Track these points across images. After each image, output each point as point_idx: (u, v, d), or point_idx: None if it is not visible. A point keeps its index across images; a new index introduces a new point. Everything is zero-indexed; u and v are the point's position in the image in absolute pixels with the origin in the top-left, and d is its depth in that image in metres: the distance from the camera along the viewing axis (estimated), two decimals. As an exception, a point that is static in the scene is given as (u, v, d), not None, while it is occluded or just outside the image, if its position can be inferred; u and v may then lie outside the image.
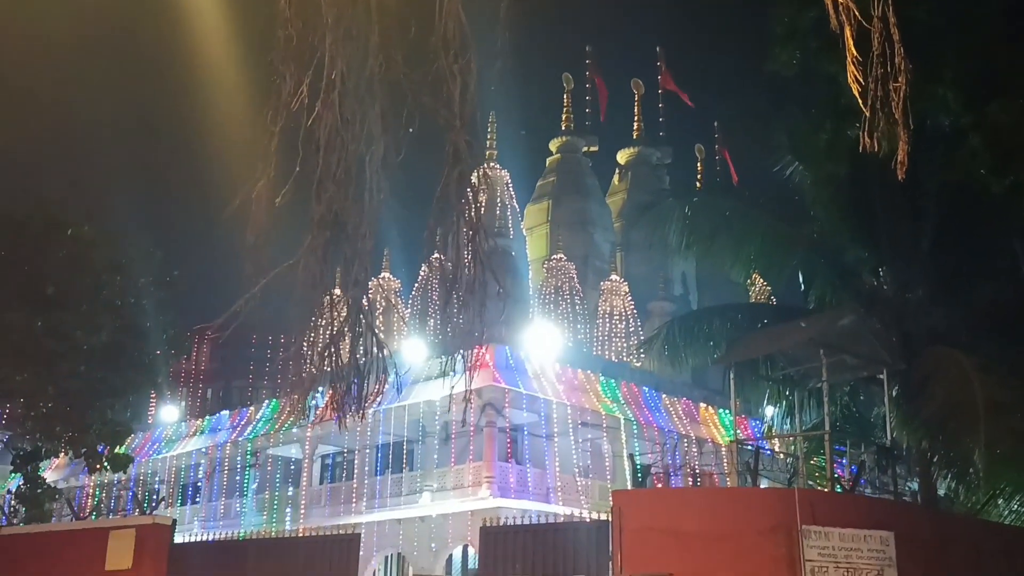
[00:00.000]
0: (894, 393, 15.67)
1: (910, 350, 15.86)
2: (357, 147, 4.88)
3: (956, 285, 16.72)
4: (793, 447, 16.04)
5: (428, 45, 4.80)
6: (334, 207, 4.84)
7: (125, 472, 26.92)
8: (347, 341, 5.20)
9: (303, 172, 4.97)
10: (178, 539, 17.09)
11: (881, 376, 15.11)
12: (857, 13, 5.80)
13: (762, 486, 15.22)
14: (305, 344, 5.45)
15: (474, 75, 4.84)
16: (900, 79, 5.18)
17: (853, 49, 5.83)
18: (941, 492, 17.09)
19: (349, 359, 5.13)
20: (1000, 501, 17.21)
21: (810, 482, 15.85)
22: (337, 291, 5.23)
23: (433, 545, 30.60)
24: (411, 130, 5.03)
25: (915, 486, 16.43)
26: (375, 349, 5.19)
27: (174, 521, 17.36)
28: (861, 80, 5.77)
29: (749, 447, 16.16)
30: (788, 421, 17.62)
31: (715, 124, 52.94)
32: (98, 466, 21.80)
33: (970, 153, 14.11)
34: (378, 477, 33.57)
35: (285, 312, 5.35)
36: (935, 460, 16.07)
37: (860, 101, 5.81)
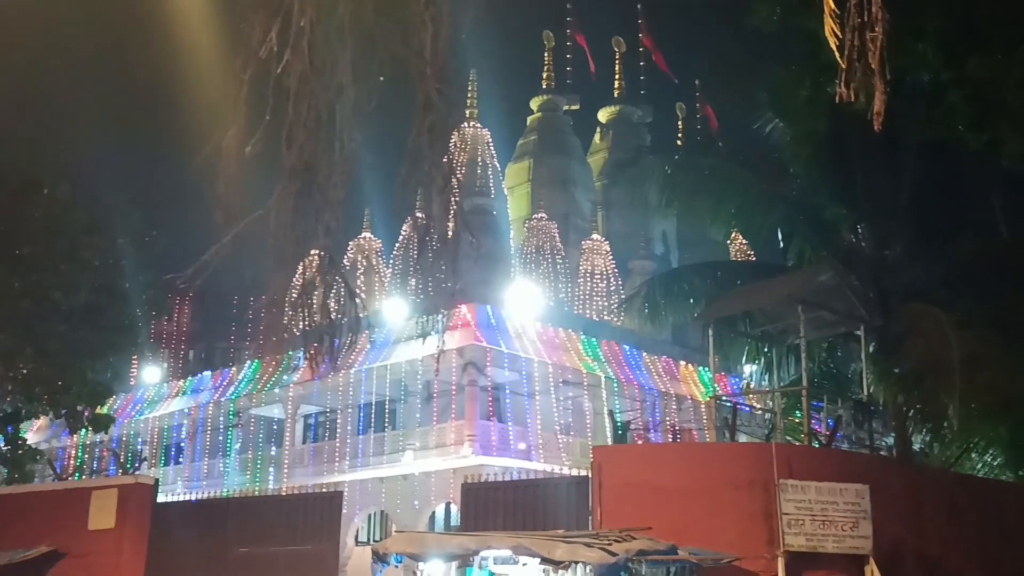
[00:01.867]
0: (871, 349, 15.80)
1: (887, 306, 15.96)
2: (328, 95, 4.83)
3: (934, 241, 16.80)
4: (771, 403, 16.17)
5: (400, -8, 4.76)
6: (305, 156, 4.79)
7: (107, 433, 26.93)
8: (321, 293, 5.18)
9: (273, 121, 4.92)
10: (161, 499, 17.14)
11: (858, 332, 15.21)
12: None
13: (740, 441, 15.38)
14: (281, 296, 5.42)
15: (447, 23, 4.79)
16: (877, 28, 5.16)
17: (831, 2, 5.80)
18: (916, 446, 17.31)
19: (322, 310, 5.10)
20: (973, 455, 17.47)
21: (787, 437, 16.00)
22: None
23: (416, 503, 30.80)
24: (382, 79, 4.98)
25: (891, 441, 16.60)
26: (348, 299, 5.15)
27: (157, 481, 17.40)
28: (839, 33, 5.75)
29: (727, 403, 16.30)
30: (766, 377, 17.75)
31: (696, 82, 52.75)
32: (79, 427, 21.79)
33: (949, 109, 14.13)
34: (360, 436, 33.67)
35: (265, 268, 5.33)
36: (911, 415, 16.25)
37: (837, 54, 5.80)
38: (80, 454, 40.55)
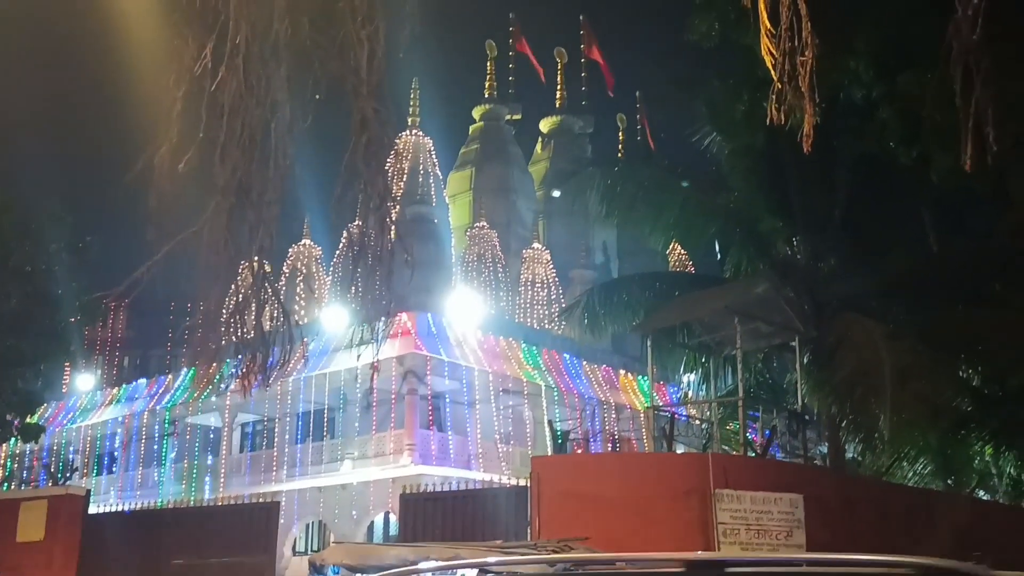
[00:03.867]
0: (806, 360, 16.04)
1: (822, 318, 16.23)
2: (262, 113, 4.80)
3: (867, 254, 17.12)
4: (708, 413, 16.35)
5: (335, 10, 4.73)
6: (238, 173, 4.76)
7: (37, 442, 26.33)
8: (254, 311, 5.14)
9: (207, 137, 4.87)
10: (93, 510, 16.83)
11: (793, 343, 15.45)
12: (770, -14, 5.87)
13: (678, 451, 15.52)
14: (213, 313, 5.36)
15: (382, 42, 4.79)
16: (807, 53, 5.26)
17: (767, 22, 5.90)
18: (849, 456, 17.61)
19: (255, 327, 5.07)
20: (904, 464, 17.81)
21: (724, 447, 16.19)
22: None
23: (354, 513, 30.59)
24: (318, 96, 4.96)
25: (824, 450, 16.89)
26: (282, 317, 5.12)
27: (88, 491, 17.08)
28: (774, 52, 5.85)
29: (665, 413, 16.44)
30: (704, 387, 17.93)
31: (637, 94, 53.23)
32: (8, 436, 21.30)
33: (881, 125, 14.41)
34: (299, 445, 33.37)
35: (198, 284, 5.27)
36: (843, 425, 16.51)
37: (773, 72, 5.90)
38: (9, 464, 39.60)
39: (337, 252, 40.42)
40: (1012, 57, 13.10)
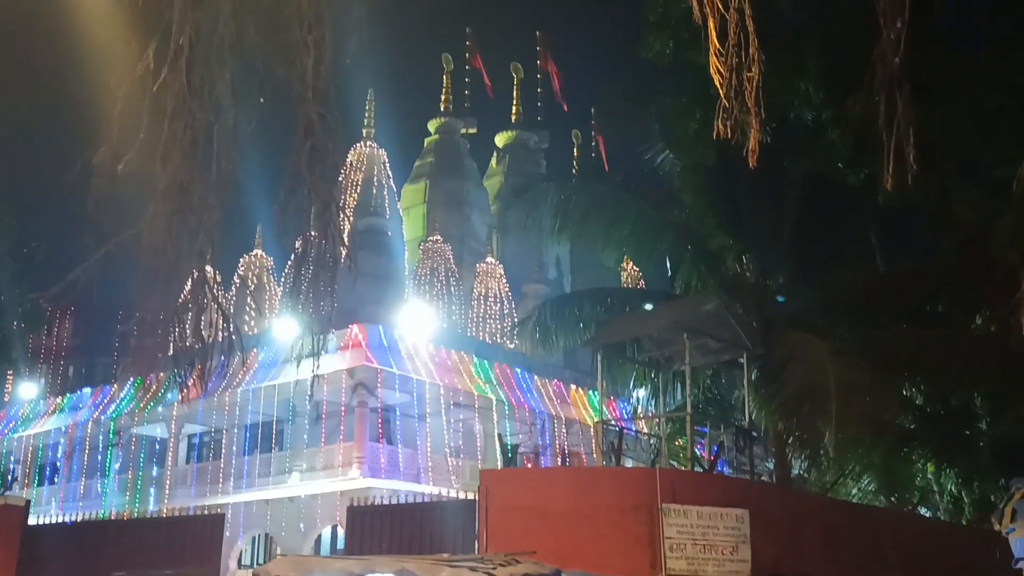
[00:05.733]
0: (753, 376, 16.17)
1: (770, 334, 16.38)
2: (206, 116, 4.75)
3: (814, 272, 17.33)
4: (657, 428, 16.42)
5: (281, 15, 4.71)
6: (180, 176, 4.70)
7: (-25, 452, 25.84)
8: (193, 315, 5.07)
9: (148, 140, 4.81)
10: (33, 521, 16.51)
11: (742, 360, 15.56)
12: (720, 6, 5.95)
13: (627, 466, 15.56)
14: (152, 318, 5.28)
15: (328, 48, 4.77)
16: (754, 69, 5.33)
17: (716, 40, 5.98)
18: (795, 472, 17.77)
19: (194, 332, 5.00)
20: (849, 480, 18.02)
21: (672, 462, 16.27)
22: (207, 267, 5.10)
23: (302, 526, 30.29)
24: (263, 100, 4.92)
25: (771, 466, 17.02)
26: (222, 321, 5.06)
27: (28, 502, 16.76)
28: (723, 70, 5.93)
29: (614, 427, 16.48)
30: (653, 403, 18.01)
31: (592, 111, 53.56)
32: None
33: (829, 145, 14.64)
34: (246, 457, 33.00)
35: (137, 288, 5.19)
36: (790, 441, 16.67)
37: (721, 91, 5.97)
38: (-53, 474, 38.72)
39: (288, 263, 40.18)
40: (957, 78, 13.42)
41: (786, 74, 13.65)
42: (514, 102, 52.98)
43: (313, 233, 4.97)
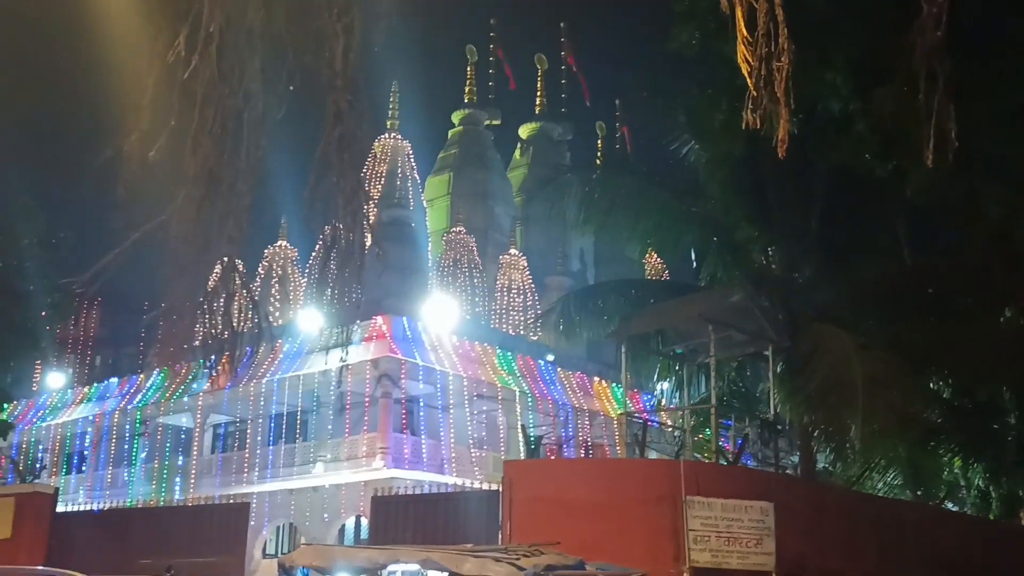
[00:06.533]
0: (779, 369, 16.10)
1: (795, 327, 16.30)
2: (235, 102, 4.77)
3: (841, 264, 17.22)
4: (681, 420, 16.39)
5: (311, 2, 4.71)
6: (210, 163, 4.72)
7: (5, 439, 26.08)
8: (223, 302, 5.10)
9: (179, 126, 4.84)
10: (62, 508, 16.70)
11: (767, 352, 15.50)
12: (748, -6, 5.91)
13: (651, 458, 15.55)
14: (181, 305, 5.31)
15: (358, 35, 4.77)
16: (784, 59, 5.29)
17: (744, 29, 5.93)
18: (820, 465, 17.70)
19: (224, 320, 5.03)
20: (875, 474, 17.92)
21: (696, 454, 16.23)
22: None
23: (325, 515, 30.44)
24: (292, 87, 4.93)
25: (796, 459, 16.95)
26: (252, 309, 5.09)
27: (57, 490, 16.97)
28: (751, 60, 5.89)
29: (638, 420, 16.47)
30: (677, 395, 17.97)
31: (616, 102, 53.36)
32: (-25, 432, 21.10)
33: (857, 138, 14.52)
34: (271, 447, 33.19)
35: (166, 276, 5.22)
36: (815, 434, 16.60)
37: (749, 80, 5.93)
38: (-24, 461, 39.15)
39: (312, 254, 40.35)
40: (984, 77, 13.29)
41: (813, 66, 13.54)
42: (538, 93, 52.88)
43: (339, 225, 4.97)
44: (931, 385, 17.52)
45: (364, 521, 27.03)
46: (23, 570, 4.59)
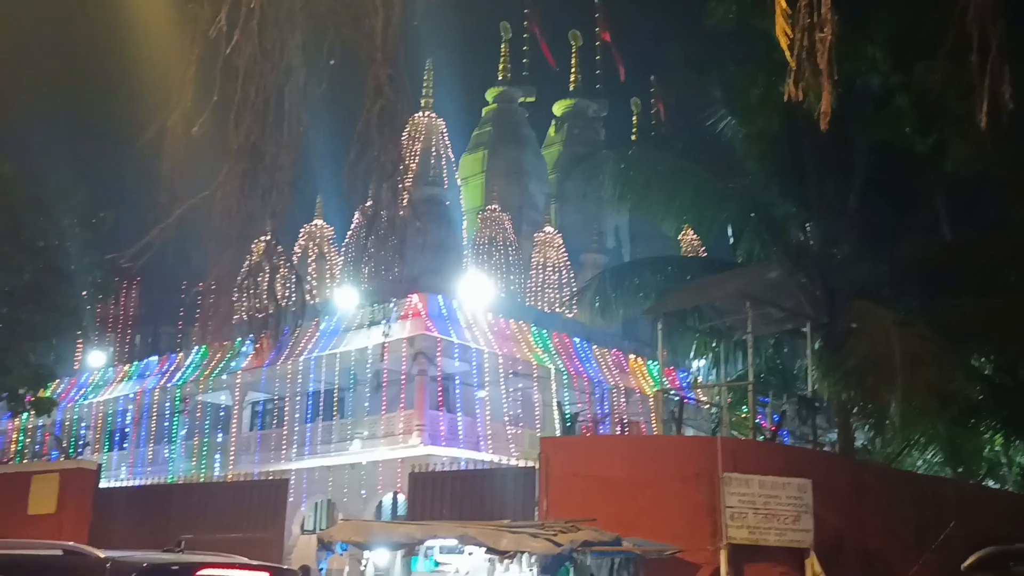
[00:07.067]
0: (816, 346, 16.01)
1: (834, 304, 16.19)
2: (276, 77, 4.79)
3: (880, 241, 17.06)
4: (718, 397, 16.34)
5: (351, -25, 4.71)
6: (252, 137, 4.75)
7: (49, 416, 26.52)
8: (267, 276, 5.14)
9: (221, 102, 4.87)
10: (104, 484, 16.94)
11: (805, 329, 15.41)
12: (786, -34, 5.83)
13: (687, 435, 15.54)
14: (225, 279, 5.36)
15: (398, 9, 4.77)
16: (826, 29, 5.22)
17: (783, 1, 5.86)
18: (859, 443, 17.59)
19: (268, 294, 5.06)
20: (914, 452, 17.78)
21: (733, 431, 16.19)
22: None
23: (363, 492, 30.69)
24: (332, 62, 4.94)
25: (834, 436, 16.87)
26: (295, 283, 5.12)
27: (99, 466, 17.20)
28: (789, 32, 5.81)
29: (675, 397, 16.45)
30: (714, 372, 17.93)
31: (651, 78, 52.96)
32: (21, 410, 21.41)
33: (897, 112, 14.35)
34: (308, 425, 33.46)
35: (210, 250, 5.26)
36: (854, 411, 16.50)
37: (788, 54, 5.86)
38: (21, 438, 39.85)
39: (348, 232, 40.52)
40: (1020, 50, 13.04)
41: (854, 40, 13.37)
42: (572, 70, 52.58)
43: (381, 198, 4.98)
44: (972, 362, 17.32)
45: (401, 498, 27.25)
46: (39, 543, 4.73)
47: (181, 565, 4.77)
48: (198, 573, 4.77)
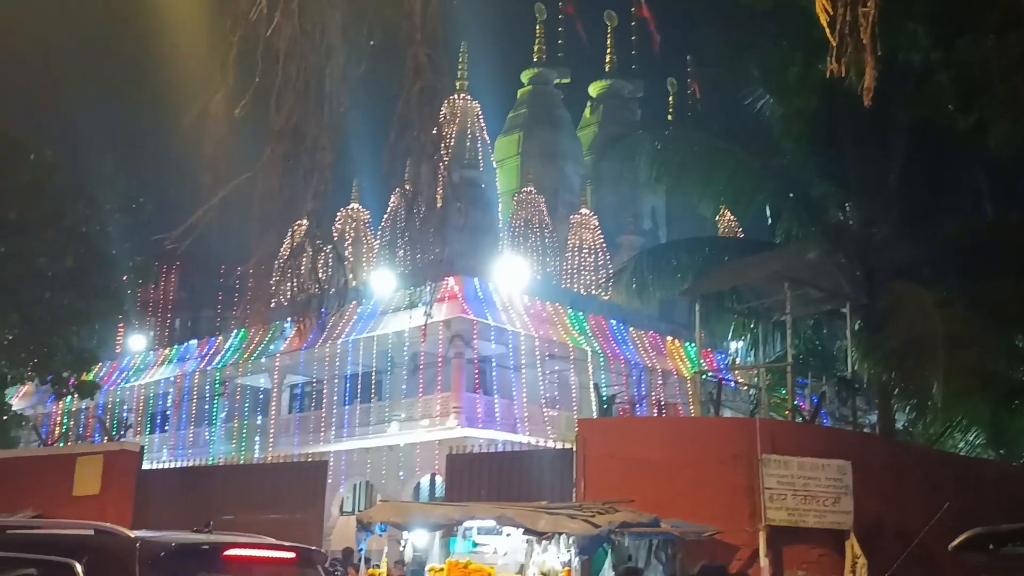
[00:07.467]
0: (856, 327, 15.88)
1: (873, 284, 16.04)
2: (317, 58, 4.82)
3: (920, 220, 16.86)
4: (756, 379, 16.26)
5: (389, -45, 4.72)
6: (293, 118, 4.78)
7: (92, 399, 26.90)
8: (309, 257, 5.18)
9: (262, 83, 4.90)
10: (146, 466, 17.16)
11: (844, 310, 15.30)
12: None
13: (725, 416, 15.48)
14: (268, 260, 5.40)
15: (438, -13, 4.77)
16: (869, 3, 5.15)
17: (824, -24, 5.78)
18: (900, 424, 17.44)
19: (310, 274, 5.11)
20: (956, 433, 17.60)
21: (771, 413, 16.11)
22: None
23: (401, 474, 30.89)
24: (372, 43, 4.95)
25: (874, 418, 16.73)
26: (336, 264, 5.16)
27: (142, 448, 17.42)
28: (829, 9, 5.74)
29: (713, 379, 16.39)
30: (752, 353, 17.85)
31: (688, 58, 52.56)
32: (65, 392, 21.74)
33: (937, 89, 14.14)
34: (346, 407, 33.69)
35: (252, 233, 5.31)
36: (895, 393, 16.35)
37: (828, 31, 5.78)
38: (65, 421, 40.48)
39: (385, 215, 40.66)
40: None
41: (894, 15, 13.19)
42: (608, 51, 52.28)
43: (419, 178, 4.99)
44: (1015, 343, 17.10)
45: (439, 479, 27.39)
46: (72, 523, 4.83)
47: (210, 545, 4.83)
48: (226, 553, 4.83)
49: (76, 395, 22.47)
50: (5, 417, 21.93)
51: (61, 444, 33.41)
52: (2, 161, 19.53)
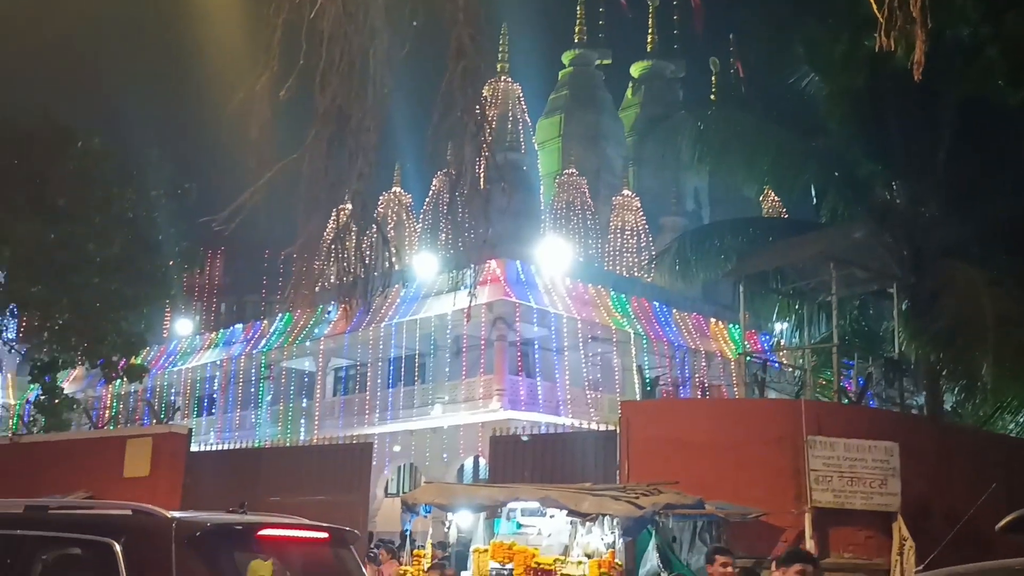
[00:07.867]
0: (903, 307, 15.70)
1: (921, 264, 15.83)
2: (361, 40, 4.84)
3: (969, 199, 16.59)
4: (801, 360, 16.14)
5: (432, -65, 4.72)
6: (338, 100, 4.81)
7: (141, 383, 27.29)
8: (355, 238, 5.23)
9: (307, 65, 4.94)
10: (194, 448, 17.38)
11: (891, 290, 15.12)
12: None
13: (770, 398, 15.38)
14: (313, 243, 5.45)
15: (481, -33, 4.76)
16: (920, -25, 5.06)
17: (871, -51, 5.68)
18: (948, 405, 17.22)
19: (356, 255, 5.14)
20: (1006, 415, 17.36)
21: (817, 394, 15.98)
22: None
23: (445, 456, 31.07)
24: (415, 23, 4.97)
25: (921, 399, 16.55)
26: (381, 246, 5.19)
27: (190, 430, 17.63)
28: (876, -18, 5.64)
29: (757, 360, 16.28)
30: (797, 334, 17.70)
31: (730, 37, 52.05)
32: (114, 375, 22.07)
33: (987, 65, 13.88)
34: (390, 390, 33.93)
35: (297, 215, 5.36)
36: (943, 374, 16.15)
37: (875, 5, 5.69)
38: (115, 404, 41.14)
39: (427, 199, 40.79)
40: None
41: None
42: (649, 31, 51.93)
43: (466, 156, 5.00)
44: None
45: (482, 461, 27.53)
46: (112, 503, 4.96)
47: (244, 525, 4.95)
48: (260, 533, 4.95)
49: (125, 379, 22.79)
50: (57, 400, 22.30)
51: (111, 427, 33.96)
52: (51, 149, 19.82)
